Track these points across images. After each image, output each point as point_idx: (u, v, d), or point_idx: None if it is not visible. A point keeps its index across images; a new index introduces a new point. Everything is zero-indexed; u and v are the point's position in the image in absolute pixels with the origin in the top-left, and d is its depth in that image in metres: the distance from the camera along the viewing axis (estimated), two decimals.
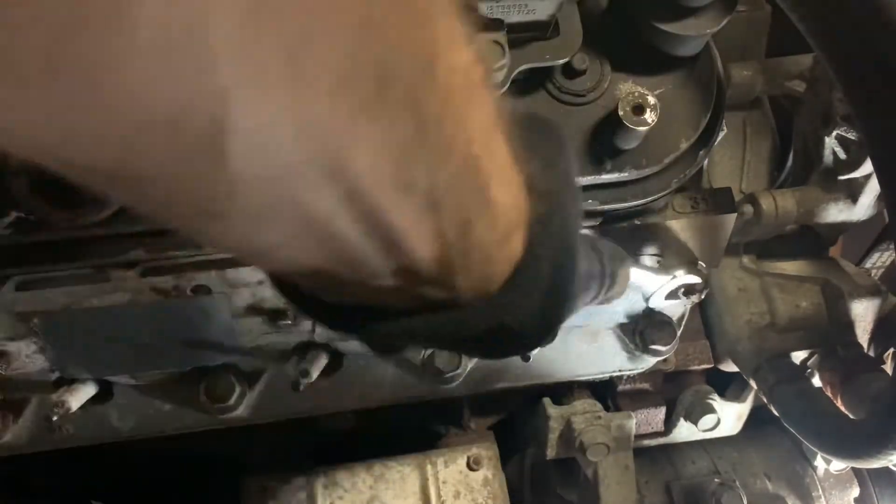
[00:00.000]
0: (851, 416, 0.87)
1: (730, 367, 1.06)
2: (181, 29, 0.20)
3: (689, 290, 0.81)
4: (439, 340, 0.41)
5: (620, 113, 0.65)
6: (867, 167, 0.90)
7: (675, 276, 0.78)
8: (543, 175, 0.39)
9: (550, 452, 0.99)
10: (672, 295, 0.81)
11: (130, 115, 0.22)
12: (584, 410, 0.96)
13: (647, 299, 0.83)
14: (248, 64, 0.22)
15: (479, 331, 0.38)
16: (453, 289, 0.36)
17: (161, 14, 0.20)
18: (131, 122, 0.22)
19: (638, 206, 0.73)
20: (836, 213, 0.97)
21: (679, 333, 0.86)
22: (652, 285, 0.80)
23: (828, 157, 0.95)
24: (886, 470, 1.12)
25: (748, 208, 0.95)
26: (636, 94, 0.66)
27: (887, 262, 1.18)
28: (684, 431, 1.11)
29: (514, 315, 0.38)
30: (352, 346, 0.81)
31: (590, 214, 0.73)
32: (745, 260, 1.03)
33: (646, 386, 1.10)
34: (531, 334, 0.41)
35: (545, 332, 0.42)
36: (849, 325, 0.96)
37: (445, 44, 0.28)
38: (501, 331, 0.39)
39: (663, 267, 0.79)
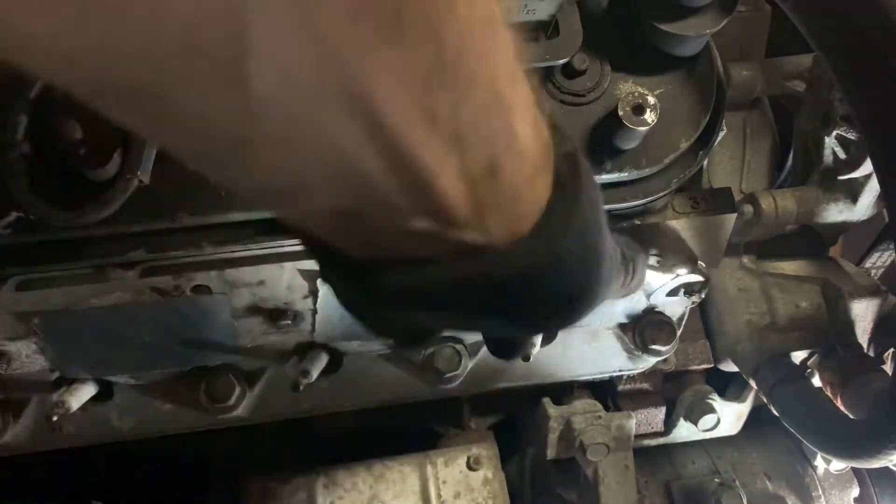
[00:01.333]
0: (851, 416, 0.87)
1: (730, 367, 1.06)
2: None
3: (689, 289, 0.81)
4: (468, 297, 0.37)
5: (620, 113, 0.65)
6: (867, 167, 0.90)
7: (677, 275, 0.78)
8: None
9: (550, 452, 0.99)
10: (673, 292, 0.81)
11: (148, 28, 0.22)
12: (584, 410, 0.96)
13: (648, 296, 0.83)
14: None
15: (514, 276, 0.36)
16: (483, 232, 0.34)
17: None
18: (148, 34, 0.22)
19: (638, 206, 0.73)
20: (836, 213, 0.97)
21: (679, 333, 0.86)
22: (655, 282, 0.80)
23: (828, 157, 0.95)
24: (886, 470, 1.12)
25: (748, 208, 0.95)
26: (636, 94, 0.66)
27: (887, 262, 1.18)
28: (684, 431, 1.11)
29: (551, 255, 0.36)
30: (352, 345, 0.81)
31: None
32: (745, 260, 1.03)
33: (646, 386, 1.10)
34: (573, 282, 0.39)
35: (588, 279, 0.40)
36: (849, 325, 0.96)
37: None
38: (539, 280, 0.37)
39: (664, 267, 0.79)
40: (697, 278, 0.79)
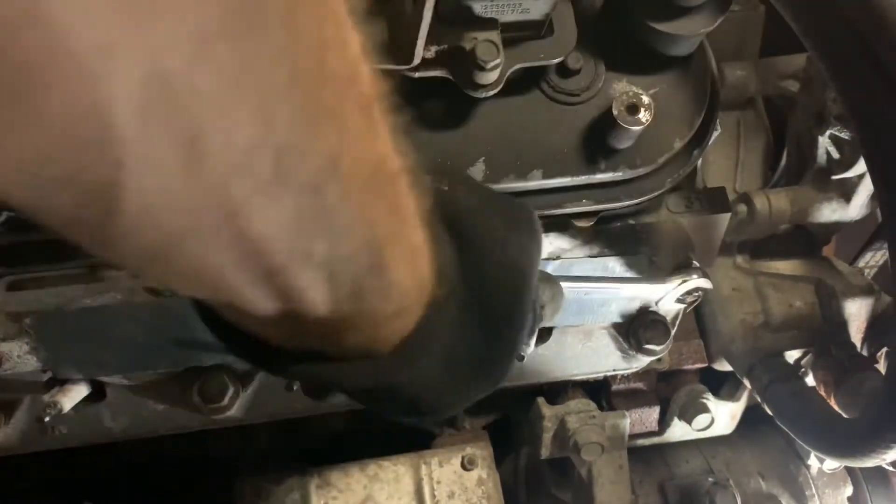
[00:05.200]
0: (845, 416, 0.87)
1: (724, 366, 1.06)
2: (86, 107, 0.22)
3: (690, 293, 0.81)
4: (334, 386, 0.45)
5: (615, 112, 0.65)
6: (861, 167, 0.91)
7: (685, 282, 0.78)
8: (458, 261, 0.42)
9: (544, 452, 0.99)
10: (682, 299, 0.81)
11: (36, 169, 0.24)
12: (578, 410, 0.96)
13: (656, 303, 0.83)
14: (144, 144, 0.24)
15: (361, 386, 0.41)
16: (339, 345, 0.38)
17: (71, 95, 0.22)
18: (37, 174, 0.24)
19: (632, 205, 0.73)
20: (830, 212, 0.98)
21: (673, 333, 0.86)
22: (659, 292, 0.80)
23: (821, 157, 0.95)
24: (879, 469, 1.12)
25: (742, 208, 0.96)
26: (630, 93, 0.66)
27: (880, 262, 1.19)
28: (678, 431, 1.11)
29: (406, 373, 0.40)
30: None
31: (584, 215, 0.73)
32: (739, 259, 1.03)
33: (640, 385, 1.10)
34: (430, 395, 0.45)
35: (444, 393, 0.45)
36: (842, 325, 0.96)
37: (354, 139, 0.30)
38: (396, 391, 0.42)
39: (658, 267, 0.79)
40: (707, 285, 0.78)
